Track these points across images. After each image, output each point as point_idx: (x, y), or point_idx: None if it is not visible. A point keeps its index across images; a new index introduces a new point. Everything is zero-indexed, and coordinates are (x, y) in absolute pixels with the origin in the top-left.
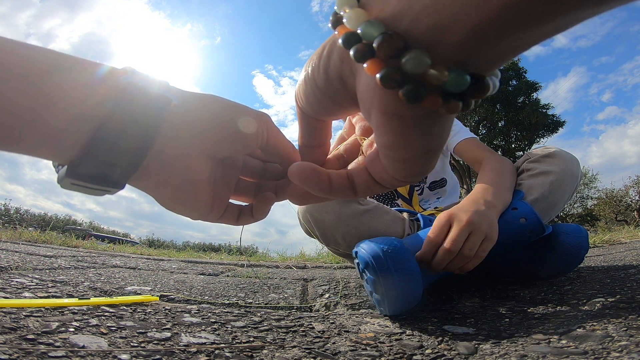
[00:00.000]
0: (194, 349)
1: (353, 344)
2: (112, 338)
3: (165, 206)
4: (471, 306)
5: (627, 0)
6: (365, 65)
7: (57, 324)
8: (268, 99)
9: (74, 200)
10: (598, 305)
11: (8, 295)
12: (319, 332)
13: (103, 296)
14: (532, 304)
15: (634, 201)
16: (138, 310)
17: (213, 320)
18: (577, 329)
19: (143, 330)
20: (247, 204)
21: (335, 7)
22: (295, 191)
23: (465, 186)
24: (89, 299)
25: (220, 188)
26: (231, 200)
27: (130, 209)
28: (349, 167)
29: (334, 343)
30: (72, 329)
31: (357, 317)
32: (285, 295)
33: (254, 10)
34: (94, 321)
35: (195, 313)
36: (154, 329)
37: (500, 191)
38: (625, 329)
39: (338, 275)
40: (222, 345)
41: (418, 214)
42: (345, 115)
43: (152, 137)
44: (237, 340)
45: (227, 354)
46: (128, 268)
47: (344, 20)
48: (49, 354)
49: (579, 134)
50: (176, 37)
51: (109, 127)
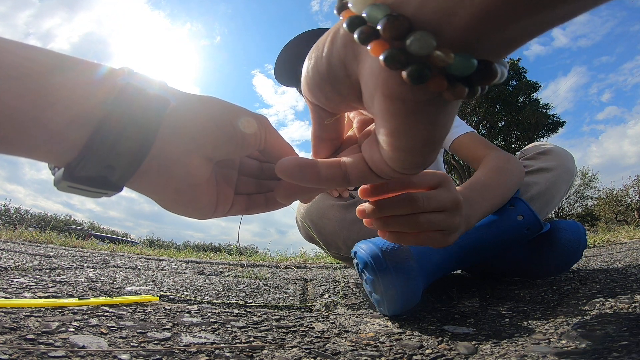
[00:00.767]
0: (194, 349)
1: (353, 344)
2: (112, 338)
3: (167, 208)
4: (471, 306)
5: None
6: (369, 47)
7: (57, 324)
8: (268, 99)
9: (74, 200)
10: (598, 305)
11: (8, 295)
12: (319, 332)
13: (103, 296)
14: (532, 304)
15: (634, 201)
16: (138, 310)
17: (213, 320)
18: (577, 329)
19: (143, 330)
20: (255, 193)
21: None
22: (280, 190)
23: None
24: (89, 299)
25: (223, 186)
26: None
27: (130, 209)
28: (345, 157)
29: (334, 343)
30: (72, 329)
31: (357, 317)
32: (285, 295)
33: (254, 9)
34: (94, 321)
35: (195, 313)
36: (154, 329)
37: (493, 193)
38: (625, 329)
39: (338, 275)
40: (222, 345)
41: None
42: (348, 110)
43: (151, 138)
44: (237, 340)
45: (227, 354)
46: (128, 268)
47: (349, 5)
48: (49, 354)
49: (578, 134)
50: (176, 36)
51: (107, 128)
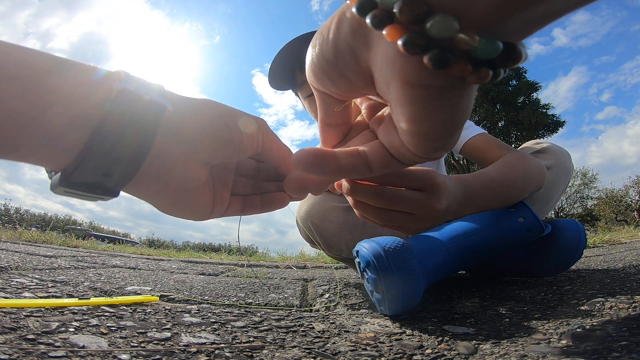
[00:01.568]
0: (194, 349)
1: (353, 344)
2: (112, 338)
3: (164, 211)
4: (471, 306)
5: None
6: (384, 32)
7: (57, 324)
8: (268, 99)
9: (74, 200)
10: (598, 305)
11: (8, 295)
12: (319, 332)
13: (103, 296)
14: (532, 304)
15: (634, 201)
16: (138, 310)
17: (213, 320)
18: (577, 329)
19: (143, 330)
20: (252, 194)
21: None
22: (291, 183)
23: None
24: (89, 299)
25: (219, 188)
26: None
27: (130, 209)
28: (361, 145)
29: (334, 343)
30: (72, 329)
31: (357, 317)
32: (285, 295)
33: (254, 9)
34: (94, 321)
35: (195, 313)
36: (154, 329)
37: (499, 190)
38: (625, 329)
39: (338, 275)
40: (222, 345)
41: None
42: (357, 96)
43: (148, 145)
44: (237, 340)
45: (227, 354)
46: (128, 268)
47: None
48: (49, 354)
49: (578, 134)
50: (176, 36)
51: (104, 132)
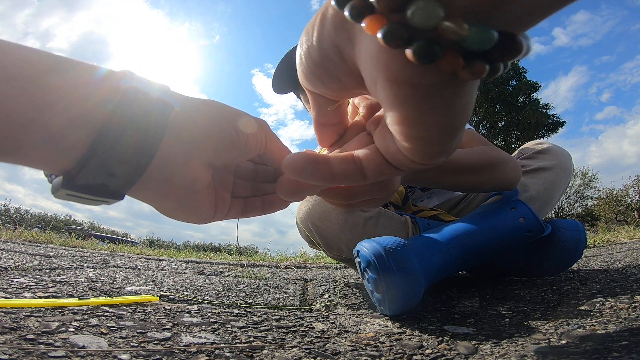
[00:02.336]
0: (194, 349)
1: (353, 344)
2: (112, 338)
3: (167, 215)
4: (471, 306)
5: None
6: (363, 24)
7: (57, 324)
8: (267, 98)
9: None
10: (598, 305)
11: (8, 295)
12: (319, 332)
13: (103, 296)
14: (532, 304)
15: (634, 201)
16: (138, 310)
17: (213, 320)
18: (577, 329)
19: (143, 330)
20: (251, 196)
21: None
22: (283, 186)
23: None
24: (89, 299)
25: (220, 190)
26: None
27: (130, 209)
28: (355, 150)
29: (334, 343)
30: (72, 329)
31: (357, 317)
32: (285, 295)
33: (253, 8)
34: (94, 321)
35: (195, 313)
36: (154, 329)
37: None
38: (625, 329)
39: (338, 275)
40: (222, 345)
41: (416, 218)
42: (350, 95)
43: (156, 144)
44: (237, 340)
45: (227, 354)
46: (128, 268)
47: None
48: (49, 354)
49: (578, 133)
50: (175, 36)
51: (109, 133)
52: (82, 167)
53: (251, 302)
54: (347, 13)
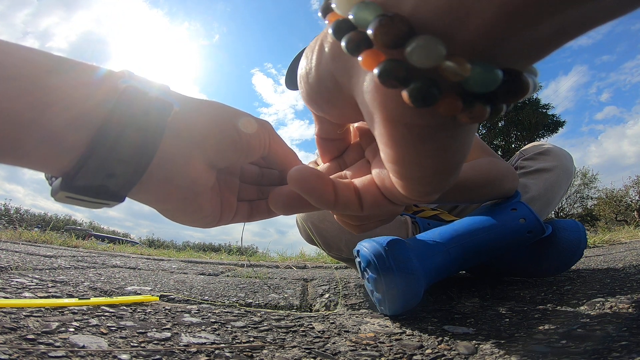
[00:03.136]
0: (194, 349)
1: (353, 344)
2: (112, 338)
3: (171, 218)
4: (471, 306)
5: None
6: (360, 58)
7: (57, 324)
8: (267, 98)
9: None
10: (598, 305)
11: (8, 295)
12: (319, 332)
13: (103, 296)
14: (532, 304)
15: (634, 201)
16: (138, 310)
17: (213, 320)
18: (577, 329)
19: (143, 330)
20: (257, 199)
21: None
22: (279, 198)
23: None
24: (89, 299)
25: (225, 194)
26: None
27: (130, 209)
28: (355, 177)
29: (334, 343)
30: (72, 329)
31: (357, 317)
32: (285, 295)
33: (253, 8)
34: (94, 321)
35: (195, 313)
36: (154, 329)
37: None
38: (625, 329)
39: (338, 275)
40: (222, 345)
41: (416, 218)
42: (348, 121)
43: (155, 144)
44: (237, 340)
45: (227, 354)
46: (128, 268)
47: (333, 5)
48: (49, 354)
49: (578, 133)
50: (175, 36)
51: (109, 132)
52: (81, 167)
53: (251, 302)
54: (343, 45)
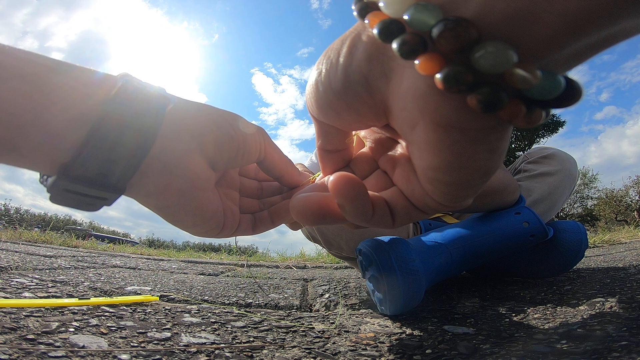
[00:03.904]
0: (194, 349)
1: (353, 344)
2: (112, 338)
3: (173, 218)
4: (471, 306)
5: None
6: (417, 62)
7: (57, 324)
8: (267, 98)
9: None
10: (598, 305)
11: (8, 295)
12: (319, 332)
13: (103, 296)
14: (532, 304)
15: (634, 201)
16: (138, 310)
17: (213, 320)
18: (577, 329)
19: (143, 330)
20: (260, 211)
21: None
22: (307, 204)
23: None
24: (89, 299)
25: (227, 203)
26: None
27: (130, 209)
28: (376, 188)
29: (334, 343)
30: (72, 329)
31: (357, 317)
32: (285, 295)
33: (252, 7)
34: (94, 321)
35: (195, 313)
36: (154, 329)
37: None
38: (625, 329)
39: (338, 275)
40: (222, 345)
41: None
42: (362, 128)
43: (152, 134)
44: (237, 340)
45: (227, 354)
46: (128, 268)
47: (381, 5)
48: (49, 354)
49: (578, 133)
50: (175, 35)
51: (106, 124)
52: (78, 157)
53: (251, 302)
54: (395, 47)
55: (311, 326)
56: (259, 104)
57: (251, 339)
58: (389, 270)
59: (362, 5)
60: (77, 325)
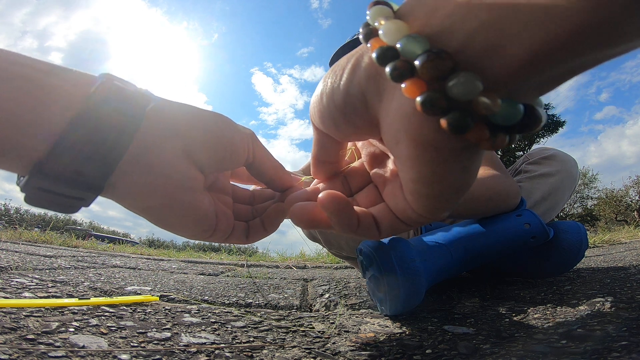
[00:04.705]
0: (194, 349)
1: (353, 344)
2: (112, 338)
3: (160, 221)
4: (471, 306)
5: None
6: (403, 85)
7: (57, 324)
8: (267, 97)
9: None
10: (598, 305)
11: (8, 295)
12: (319, 332)
13: (103, 296)
14: (532, 304)
15: (634, 201)
16: (138, 310)
17: (213, 320)
18: (577, 329)
19: (143, 330)
20: (253, 218)
21: (368, 18)
22: (304, 212)
23: None
24: (89, 299)
25: (220, 206)
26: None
27: None
28: (367, 201)
29: (334, 343)
30: (72, 329)
31: (357, 317)
32: (285, 295)
33: (252, 7)
34: (94, 321)
35: (195, 313)
36: (154, 329)
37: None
38: (625, 329)
39: (338, 275)
40: (222, 345)
41: None
42: (357, 139)
43: (130, 131)
44: (237, 340)
45: (227, 354)
46: (128, 268)
47: (380, 33)
48: (49, 354)
49: (578, 133)
50: (174, 35)
51: (83, 119)
52: (51, 154)
53: (251, 302)
54: (388, 71)
55: (311, 326)
56: (259, 103)
57: (251, 339)
58: (390, 270)
59: (367, 31)
60: (77, 325)
